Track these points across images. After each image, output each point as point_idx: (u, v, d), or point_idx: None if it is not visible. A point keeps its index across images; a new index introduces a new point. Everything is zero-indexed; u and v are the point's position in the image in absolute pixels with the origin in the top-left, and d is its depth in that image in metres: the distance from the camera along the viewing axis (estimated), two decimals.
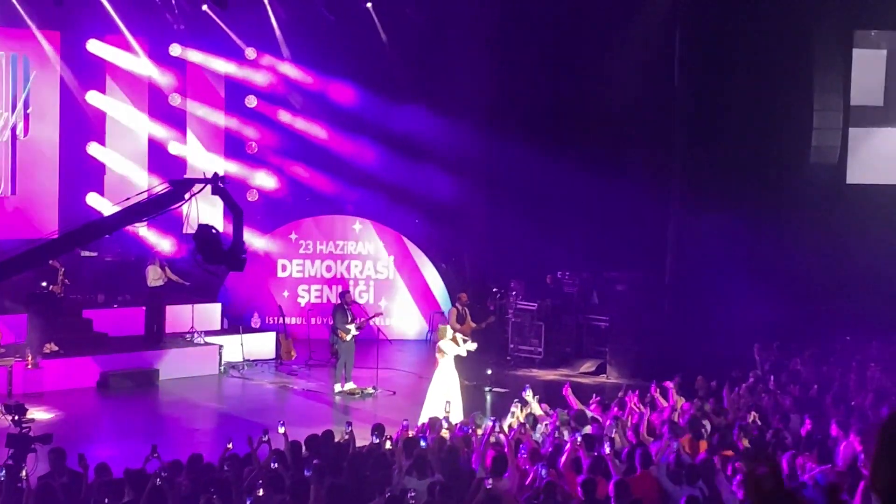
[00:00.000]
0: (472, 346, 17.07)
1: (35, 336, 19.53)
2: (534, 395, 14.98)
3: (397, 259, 25.33)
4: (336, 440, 12.52)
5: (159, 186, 11.28)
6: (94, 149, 24.09)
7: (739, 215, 23.10)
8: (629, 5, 23.82)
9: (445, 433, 12.71)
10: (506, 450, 11.30)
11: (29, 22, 22.37)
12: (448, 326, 17.65)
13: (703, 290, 22.84)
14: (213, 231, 10.69)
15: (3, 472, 10.43)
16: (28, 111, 23.24)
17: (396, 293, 25.31)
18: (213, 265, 11.23)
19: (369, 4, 24.79)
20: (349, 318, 19.99)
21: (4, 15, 22.11)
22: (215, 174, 11.08)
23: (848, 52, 24.07)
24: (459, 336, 17.12)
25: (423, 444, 11.78)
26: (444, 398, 15.79)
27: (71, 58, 23.44)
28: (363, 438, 12.90)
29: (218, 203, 11.76)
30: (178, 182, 11.32)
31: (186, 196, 10.86)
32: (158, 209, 11.31)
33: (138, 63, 24.35)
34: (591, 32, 24.07)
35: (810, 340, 19.74)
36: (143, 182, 24.53)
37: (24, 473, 10.50)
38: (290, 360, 22.45)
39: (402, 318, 25.19)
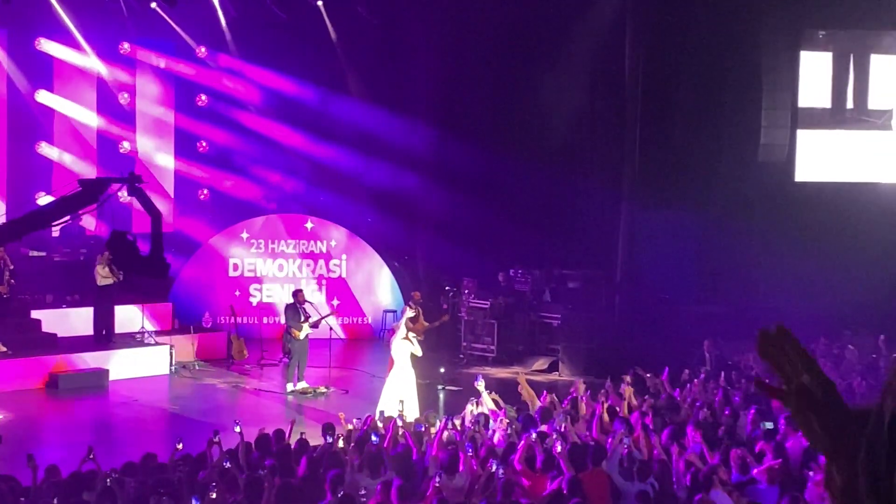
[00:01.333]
0: (418, 349, 17.06)
1: None
2: (485, 387, 14.96)
3: (349, 257, 25.28)
4: (287, 440, 12.48)
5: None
6: (43, 148, 23.86)
7: (690, 212, 23.28)
8: (580, 4, 23.90)
9: (400, 431, 12.69)
10: (460, 448, 11.30)
11: None
12: (402, 325, 17.61)
13: (654, 286, 22.98)
14: (129, 237, 10.03)
15: None
16: None
17: (349, 292, 25.25)
18: (130, 273, 11.07)
19: (320, 3, 24.73)
20: (301, 317, 19.93)
21: None
22: (131, 173, 10.44)
23: (795, 52, 24.30)
24: (412, 335, 17.12)
25: (374, 438, 11.77)
26: (398, 396, 15.78)
27: (18, 56, 23.21)
28: (315, 438, 12.86)
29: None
30: (89, 182, 10.51)
31: (100, 197, 10.09)
32: (67, 212, 10.35)
33: (87, 61, 24.16)
34: (542, 31, 24.15)
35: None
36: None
37: None
38: (242, 360, 22.35)
39: (355, 317, 25.13)
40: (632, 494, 10.02)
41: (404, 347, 16.83)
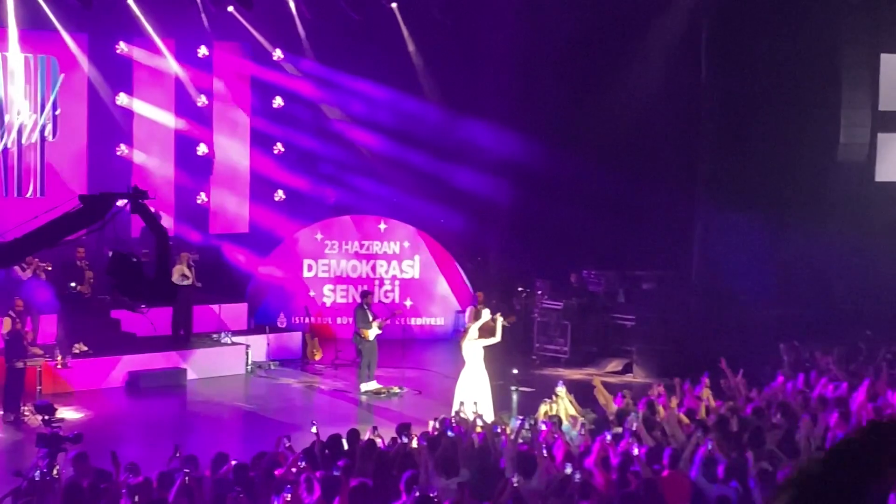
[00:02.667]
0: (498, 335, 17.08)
1: (64, 336, 19.68)
2: (567, 392, 14.93)
3: (422, 258, 25.36)
4: (363, 440, 12.55)
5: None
6: (123, 151, 24.20)
7: (766, 213, 23.02)
8: (656, 5, 23.76)
9: (476, 432, 12.71)
10: (535, 450, 11.31)
11: (57, 24, 22.50)
12: (472, 327, 17.62)
13: (730, 288, 22.78)
14: (134, 260, 9.29)
15: (36, 471, 10.52)
16: (56, 113, 23.37)
17: (422, 292, 25.34)
18: (135, 299, 10.24)
19: (394, 4, 24.82)
20: (370, 318, 20.08)
21: (33, 18, 22.24)
22: (135, 188, 9.49)
23: (876, 53, 23.93)
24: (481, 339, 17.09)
25: (450, 434, 11.82)
26: (471, 397, 15.81)
27: (99, 60, 23.55)
28: (389, 438, 12.93)
29: None
30: (91, 198, 9.67)
31: (106, 216, 9.23)
32: (71, 231, 9.59)
33: (166, 64, 24.46)
34: (617, 31, 24.05)
35: (836, 339, 19.65)
36: (170, 184, 24.67)
37: (55, 472, 10.60)
38: (315, 360, 22.52)
39: (428, 318, 25.20)
40: (713, 497, 9.95)
41: (475, 348, 16.86)
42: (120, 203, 9.28)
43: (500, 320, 17.06)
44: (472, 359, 16.84)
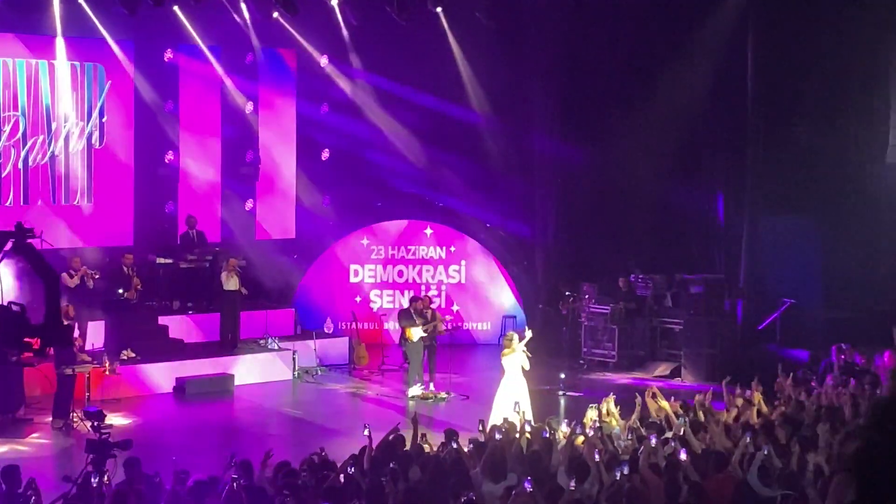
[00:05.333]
0: (526, 363, 17.01)
1: (112, 342, 19.80)
2: (615, 404, 14.79)
3: (469, 263, 25.34)
4: (411, 445, 12.52)
5: None
6: (170, 158, 24.31)
7: (814, 215, 22.83)
8: (701, 8, 23.59)
9: (526, 437, 12.64)
10: (588, 454, 11.23)
11: (103, 32, 22.64)
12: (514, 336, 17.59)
13: (778, 291, 22.59)
14: (15, 309, 8.30)
15: (94, 477, 10.54)
16: (103, 120, 23.52)
17: (468, 298, 25.31)
18: (21, 349, 9.54)
19: (439, 9, 24.80)
20: (415, 321, 20.11)
21: (79, 25, 22.39)
22: (18, 225, 8.50)
23: None
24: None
25: (497, 437, 11.81)
26: (511, 401, 15.78)
27: (145, 67, 23.68)
28: (436, 443, 12.89)
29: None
30: None
31: None
32: None
33: (211, 71, 24.55)
34: (662, 33, 23.90)
35: (888, 342, 19.44)
36: (216, 191, 24.76)
37: (105, 479, 10.63)
38: (363, 365, 22.54)
39: (474, 323, 25.17)
40: (770, 502, 9.84)
41: (514, 359, 16.86)
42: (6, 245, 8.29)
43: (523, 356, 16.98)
44: (510, 369, 16.84)
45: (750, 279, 23.18)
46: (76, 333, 18.33)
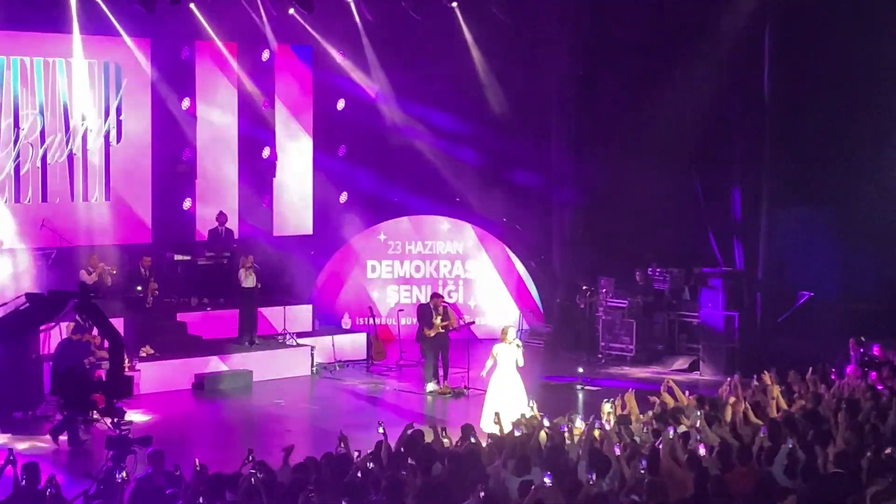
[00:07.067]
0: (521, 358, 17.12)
1: (131, 339, 19.84)
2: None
3: (486, 258, 25.34)
4: (428, 440, 12.51)
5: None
6: (187, 155, 24.34)
7: (831, 207, 22.78)
8: (718, 5, 23.51)
9: (543, 434, 12.63)
10: (608, 448, 11.23)
11: (120, 30, 22.67)
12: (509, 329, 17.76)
13: (796, 284, 22.55)
14: (78, 370, 7.96)
15: (119, 473, 10.57)
16: (120, 118, 23.56)
17: (485, 292, 25.31)
18: (88, 411, 9.51)
19: (454, 3, 24.78)
20: (433, 317, 20.15)
21: (96, 23, 22.43)
22: (82, 284, 8.24)
23: None
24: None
25: (517, 433, 11.84)
26: (505, 399, 15.95)
27: (162, 64, 23.71)
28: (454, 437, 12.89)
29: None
30: (37, 297, 8.38)
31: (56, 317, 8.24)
32: (23, 328, 8.12)
33: (228, 68, 24.58)
34: (679, 27, 23.82)
35: None
36: (234, 189, 24.78)
37: (124, 475, 10.67)
38: (381, 361, 22.56)
39: (493, 318, 25.14)
40: (796, 494, 9.81)
41: (508, 351, 16.97)
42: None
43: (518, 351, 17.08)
44: (504, 362, 16.91)
45: (768, 272, 23.13)
46: (94, 332, 18.34)
